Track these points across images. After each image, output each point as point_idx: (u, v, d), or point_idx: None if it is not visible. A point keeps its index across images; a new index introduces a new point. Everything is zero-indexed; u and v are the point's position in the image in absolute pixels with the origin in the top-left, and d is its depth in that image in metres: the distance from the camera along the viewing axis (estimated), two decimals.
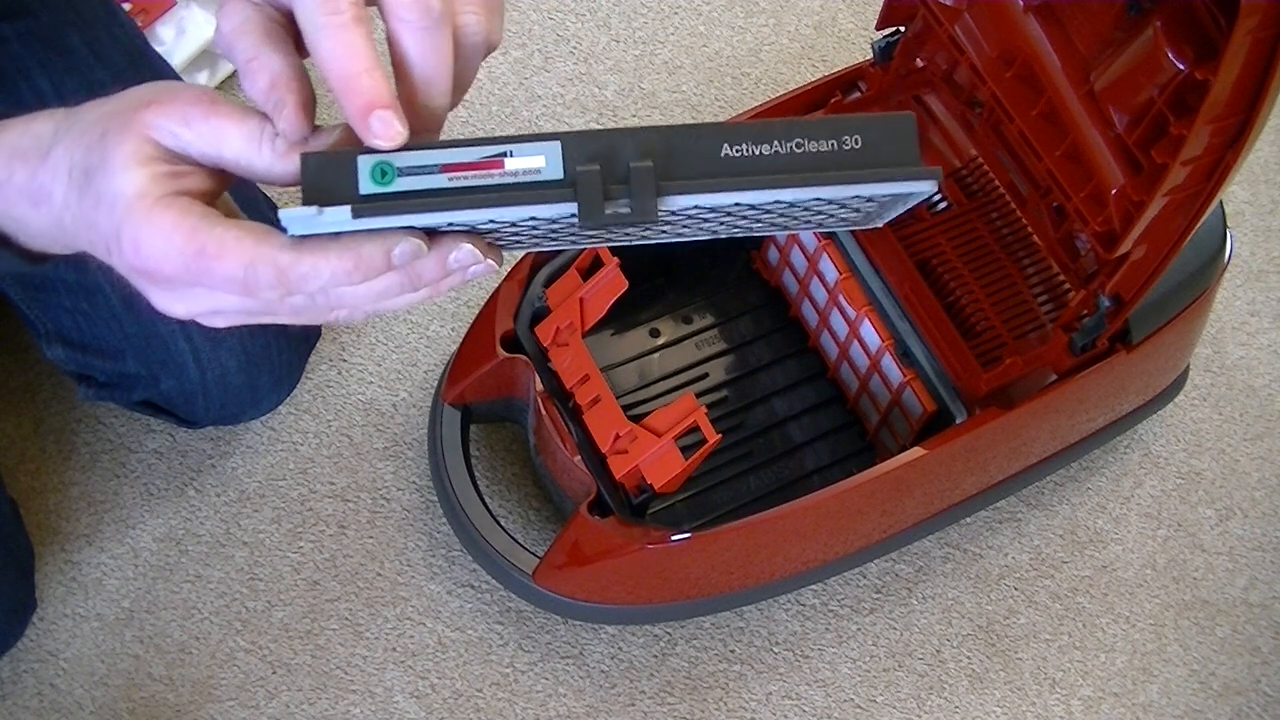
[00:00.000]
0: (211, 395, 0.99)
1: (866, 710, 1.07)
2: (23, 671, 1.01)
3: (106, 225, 0.54)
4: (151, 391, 1.00)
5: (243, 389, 1.00)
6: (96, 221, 0.55)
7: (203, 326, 0.68)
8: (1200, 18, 0.76)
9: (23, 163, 0.57)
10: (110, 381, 1.01)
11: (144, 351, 0.97)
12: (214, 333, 0.96)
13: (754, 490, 1.06)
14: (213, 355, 0.97)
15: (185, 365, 0.97)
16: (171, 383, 0.98)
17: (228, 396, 1.00)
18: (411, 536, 1.09)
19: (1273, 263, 1.32)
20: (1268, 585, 1.16)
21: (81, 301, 0.97)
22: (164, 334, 0.96)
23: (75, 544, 1.06)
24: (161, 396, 1.00)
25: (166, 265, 0.53)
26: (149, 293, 0.56)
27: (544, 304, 1.00)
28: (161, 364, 0.98)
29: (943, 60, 1.01)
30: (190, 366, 0.97)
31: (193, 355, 0.97)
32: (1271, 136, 1.39)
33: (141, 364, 0.98)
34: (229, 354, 0.98)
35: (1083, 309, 0.94)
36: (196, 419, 1.03)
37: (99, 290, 0.96)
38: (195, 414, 1.02)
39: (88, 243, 0.57)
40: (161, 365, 0.98)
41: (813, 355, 1.11)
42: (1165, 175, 0.79)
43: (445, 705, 1.03)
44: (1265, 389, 1.25)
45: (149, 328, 0.96)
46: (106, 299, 0.96)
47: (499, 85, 1.30)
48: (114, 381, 1.01)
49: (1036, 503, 1.17)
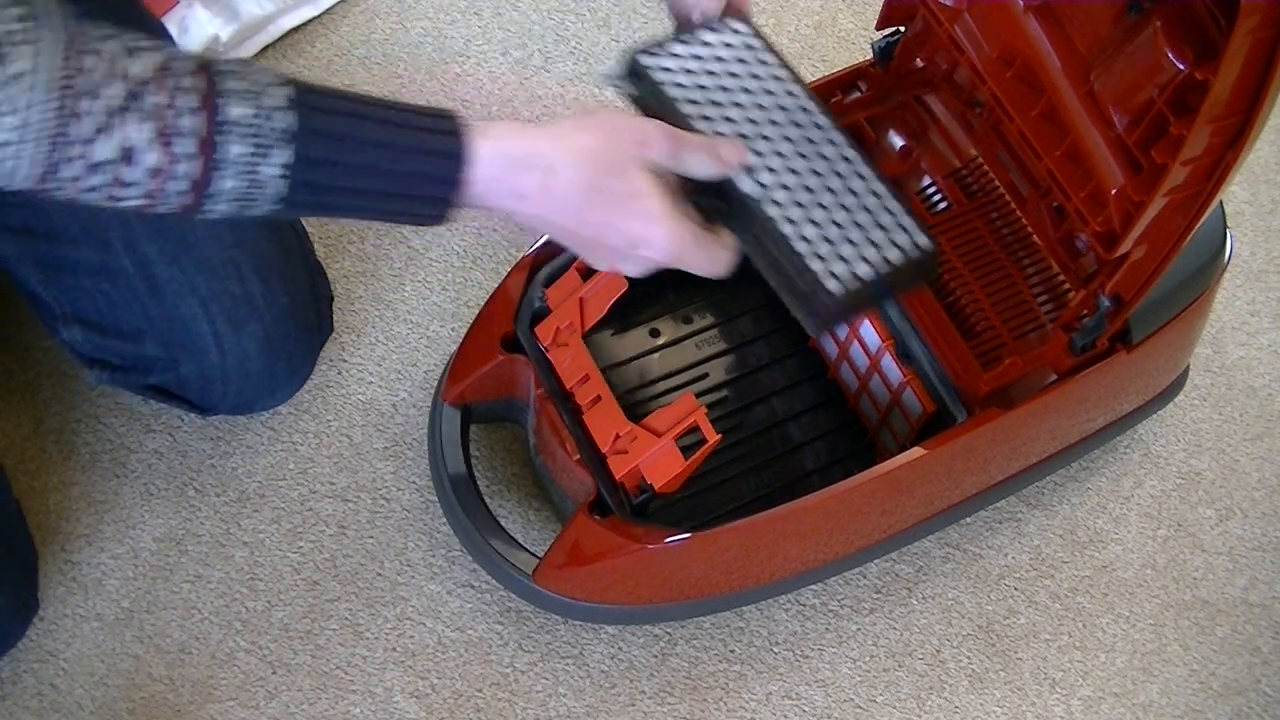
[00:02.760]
0: (231, 380, 1.00)
1: (866, 710, 1.07)
2: (23, 671, 1.01)
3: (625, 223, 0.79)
4: (169, 375, 1.00)
5: (261, 375, 1.01)
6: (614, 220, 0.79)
7: (225, 311, 0.93)
8: (1200, 18, 0.76)
9: (526, 171, 0.76)
10: (126, 365, 1.01)
11: (165, 334, 0.98)
12: (235, 317, 0.97)
13: (754, 490, 1.06)
14: (234, 339, 0.98)
15: (206, 348, 0.98)
16: (191, 366, 0.99)
17: (246, 382, 1.00)
18: (411, 536, 1.09)
19: (1273, 263, 1.32)
20: (1268, 585, 1.16)
21: (103, 283, 0.97)
22: (186, 316, 0.97)
23: (75, 544, 1.06)
24: (178, 381, 1.01)
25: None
26: (628, 263, 0.81)
27: (544, 304, 1.00)
28: (182, 346, 0.98)
29: (943, 60, 1.01)
30: (211, 350, 0.98)
31: (214, 338, 0.98)
32: (1271, 137, 1.39)
33: (161, 346, 0.98)
34: (250, 339, 0.98)
35: (1083, 309, 0.94)
36: (212, 405, 1.03)
37: (122, 272, 0.96)
38: (211, 400, 1.02)
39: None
40: (182, 348, 0.98)
41: (813, 355, 1.11)
42: (1165, 175, 0.79)
43: (445, 705, 1.03)
44: (1265, 389, 1.25)
45: (171, 310, 0.97)
46: (129, 280, 0.96)
47: (499, 85, 1.30)
48: (130, 364, 1.01)
49: (1036, 503, 1.17)
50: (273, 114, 0.71)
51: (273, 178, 0.72)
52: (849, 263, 0.82)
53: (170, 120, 0.69)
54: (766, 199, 0.82)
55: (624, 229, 0.79)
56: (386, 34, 1.32)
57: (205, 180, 0.71)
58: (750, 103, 0.85)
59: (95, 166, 0.69)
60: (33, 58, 0.65)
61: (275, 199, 0.73)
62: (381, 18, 1.33)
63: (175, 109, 0.69)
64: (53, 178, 0.69)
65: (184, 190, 0.71)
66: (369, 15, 1.33)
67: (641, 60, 0.86)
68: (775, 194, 0.82)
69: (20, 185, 0.69)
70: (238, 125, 0.70)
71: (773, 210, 0.82)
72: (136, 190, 0.70)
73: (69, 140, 0.67)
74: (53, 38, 0.67)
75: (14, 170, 0.68)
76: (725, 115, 0.84)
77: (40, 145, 0.67)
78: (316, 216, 0.78)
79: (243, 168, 0.71)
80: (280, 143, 0.71)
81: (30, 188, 0.69)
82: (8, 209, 0.97)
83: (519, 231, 1.23)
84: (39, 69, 0.66)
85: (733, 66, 0.87)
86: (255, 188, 0.72)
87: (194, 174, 0.70)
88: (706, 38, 0.87)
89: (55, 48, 0.66)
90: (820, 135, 0.86)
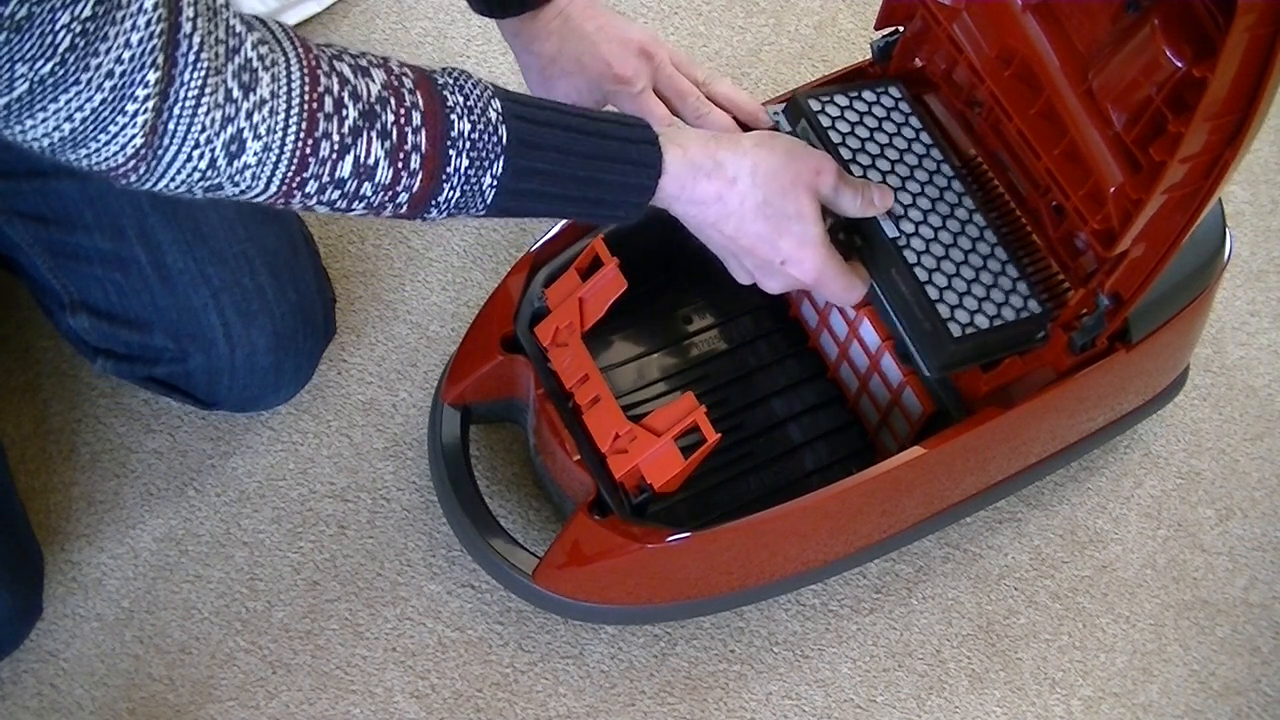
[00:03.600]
0: (238, 374, 1.00)
1: (866, 710, 1.07)
2: (23, 671, 1.01)
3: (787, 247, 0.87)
4: (175, 367, 1.01)
5: (268, 370, 1.01)
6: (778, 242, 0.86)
7: (235, 303, 0.97)
8: (1198, 15, 0.76)
9: (707, 179, 0.83)
10: (132, 355, 1.01)
11: (174, 324, 0.98)
12: (246, 309, 0.98)
13: (754, 490, 1.06)
14: (244, 332, 0.98)
15: (215, 340, 0.98)
16: (199, 358, 0.99)
17: (252, 377, 1.01)
18: (411, 536, 1.09)
19: (1273, 263, 1.32)
20: (1268, 585, 1.16)
21: (114, 272, 0.97)
22: (196, 306, 0.97)
23: (75, 544, 1.06)
24: (184, 374, 1.01)
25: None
26: (770, 276, 0.89)
27: (543, 304, 1.00)
28: (191, 338, 0.98)
29: (941, 60, 1.01)
30: (220, 342, 0.98)
31: (224, 331, 0.98)
32: (1271, 136, 1.39)
33: (170, 337, 0.99)
34: (259, 332, 0.99)
35: (1082, 308, 0.94)
36: (217, 399, 1.03)
37: (134, 261, 0.97)
38: (217, 394, 1.02)
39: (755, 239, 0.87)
40: (191, 339, 0.98)
41: (813, 355, 1.11)
42: (1163, 173, 0.79)
43: (445, 705, 1.03)
44: (1265, 389, 1.25)
45: (182, 299, 0.97)
46: (141, 270, 0.97)
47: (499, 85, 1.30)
48: (136, 355, 1.01)
49: (1036, 503, 1.17)
50: (491, 128, 0.75)
51: (488, 187, 0.76)
52: (970, 312, 0.92)
53: (402, 137, 0.72)
54: (905, 244, 0.93)
55: (781, 246, 0.86)
56: (386, 34, 1.32)
57: (430, 192, 0.75)
58: (897, 158, 0.97)
59: (333, 184, 0.72)
60: (276, 82, 0.68)
61: (485, 205, 0.77)
62: (381, 18, 1.33)
63: (407, 126, 0.73)
64: (293, 193, 0.72)
65: (408, 200, 0.75)
66: (369, 15, 1.33)
67: (809, 104, 0.98)
68: (913, 242, 0.94)
69: (259, 199, 0.72)
70: (461, 139, 0.74)
71: (909, 255, 0.93)
72: (365, 203, 0.74)
73: (313, 160, 0.70)
74: (292, 61, 0.69)
75: (256, 189, 0.71)
76: (875, 165, 0.96)
77: (287, 166, 0.70)
78: (513, 217, 0.83)
79: (464, 179, 0.75)
80: (497, 154, 0.75)
81: (263, 201, 0.72)
82: (21, 195, 0.97)
83: (519, 231, 1.24)
84: (282, 93, 0.69)
85: (886, 124, 0.99)
86: (471, 197, 0.76)
87: (420, 186, 0.74)
88: (866, 95, 1.00)
89: (296, 71, 0.69)
90: (955, 198, 0.97)
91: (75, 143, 0.64)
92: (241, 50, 0.67)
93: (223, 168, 0.68)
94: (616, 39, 0.97)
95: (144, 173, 0.67)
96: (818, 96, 0.99)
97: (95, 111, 0.63)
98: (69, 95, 0.62)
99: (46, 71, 0.60)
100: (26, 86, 0.61)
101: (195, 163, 0.67)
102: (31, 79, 0.61)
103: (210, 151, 0.67)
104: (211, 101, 0.66)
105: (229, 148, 0.67)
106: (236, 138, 0.67)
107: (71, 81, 0.61)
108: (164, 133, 0.65)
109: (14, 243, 1.00)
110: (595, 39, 0.97)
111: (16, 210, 0.98)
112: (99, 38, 0.61)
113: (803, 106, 0.98)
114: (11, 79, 0.60)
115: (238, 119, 0.67)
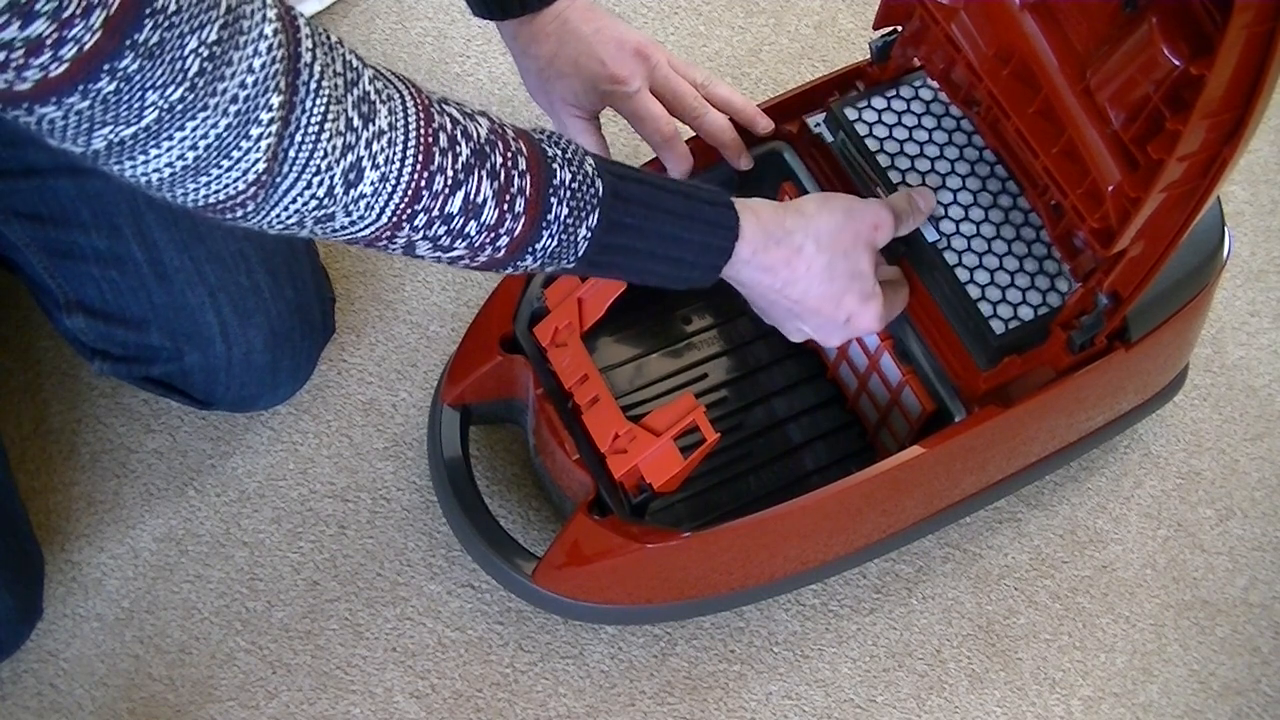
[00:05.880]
0: (235, 373, 1.00)
1: (866, 710, 1.07)
2: (23, 671, 1.01)
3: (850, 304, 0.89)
4: (172, 366, 1.01)
5: (265, 369, 1.01)
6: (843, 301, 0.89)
7: (232, 301, 0.97)
8: (1196, 13, 0.76)
9: (777, 246, 0.85)
10: (129, 355, 1.01)
11: (171, 323, 0.98)
12: (242, 308, 0.98)
13: (754, 490, 1.06)
14: (240, 331, 0.98)
15: (212, 339, 0.98)
16: (196, 357, 0.99)
17: (249, 376, 1.01)
18: (411, 536, 1.09)
19: (1273, 263, 1.32)
20: (1268, 585, 1.16)
21: (111, 270, 0.97)
22: (193, 305, 0.97)
23: (75, 544, 1.06)
24: (181, 373, 1.01)
25: None
26: (832, 333, 0.92)
27: (543, 304, 1.01)
28: (188, 337, 0.98)
29: (940, 59, 1.01)
30: (217, 340, 0.98)
31: (220, 329, 0.98)
32: (1270, 136, 1.39)
33: (167, 336, 0.99)
34: (256, 331, 0.99)
35: (1081, 307, 0.94)
36: (214, 399, 1.03)
37: (130, 259, 0.97)
38: (214, 393, 1.02)
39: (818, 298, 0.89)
40: (188, 338, 0.98)
41: (812, 355, 1.11)
42: (1161, 171, 0.79)
43: (445, 705, 1.03)
44: (1265, 389, 1.25)
45: (178, 298, 0.97)
46: (137, 268, 0.97)
47: (499, 85, 1.30)
48: (133, 355, 1.01)
49: (1036, 503, 1.17)
50: (589, 180, 0.76)
51: (582, 238, 0.77)
52: (1013, 306, 0.95)
53: (509, 179, 0.73)
54: (946, 246, 0.96)
55: (845, 303, 0.89)
56: (386, 34, 1.32)
57: (529, 238, 0.75)
58: (936, 154, 0.99)
59: (442, 219, 0.72)
60: (393, 115, 0.69)
61: (576, 257, 0.78)
62: (381, 18, 1.33)
63: (514, 170, 0.73)
64: (401, 226, 0.72)
65: (506, 245, 0.75)
66: (369, 15, 1.33)
67: (845, 112, 1.00)
68: (954, 241, 0.96)
69: (365, 233, 0.71)
70: (563, 187, 0.75)
71: (950, 257, 0.96)
72: (467, 242, 0.74)
73: (426, 193, 0.71)
74: (408, 98, 0.70)
75: (369, 219, 0.70)
76: (915, 166, 0.98)
77: (401, 196, 0.70)
78: (597, 274, 0.84)
79: (563, 227, 0.76)
80: (594, 206, 0.76)
81: (369, 234, 0.72)
82: (17, 193, 0.97)
83: None
84: (399, 125, 0.69)
85: (925, 119, 1.00)
86: (566, 246, 0.77)
87: (521, 231, 0.75)
88: (903, 91, 1.01)
89: (412, 107, 0.70)
90: (997, 185, 0.98)
91: (197, 171, 0.63)
92: (360, 83, 0.67)
93: (339, 195, 0.68)
94: (613, 40, 0.98)
95: (261, 200, 0.66)
96: (854, 104, 1.00)
97: (219, 137, 0.62)
98: (195, 121, 0.61)
99: (176, 98, 0.59)
100: (155, 115, 0.60)
101: (314, 190, 0.67)
102: (161, 106, 0.59)
103: (330, 179, 0.67)
104: (334, 129, 0.65)
105: (347, 175, 0.67)
106: (355, 166, 0.67)
107: (200, 107, 0.60)
108: (285, 159, 0.65)
109: (10, 242, 1.00)
110: (592, 40, 0.97)
111: (13, 209, 0.98)
112: (224, 62, 0.60)
113: (839, 117, 1.00)
114: (142, 108, 0.59)
115: (358, 147, 0.67)
